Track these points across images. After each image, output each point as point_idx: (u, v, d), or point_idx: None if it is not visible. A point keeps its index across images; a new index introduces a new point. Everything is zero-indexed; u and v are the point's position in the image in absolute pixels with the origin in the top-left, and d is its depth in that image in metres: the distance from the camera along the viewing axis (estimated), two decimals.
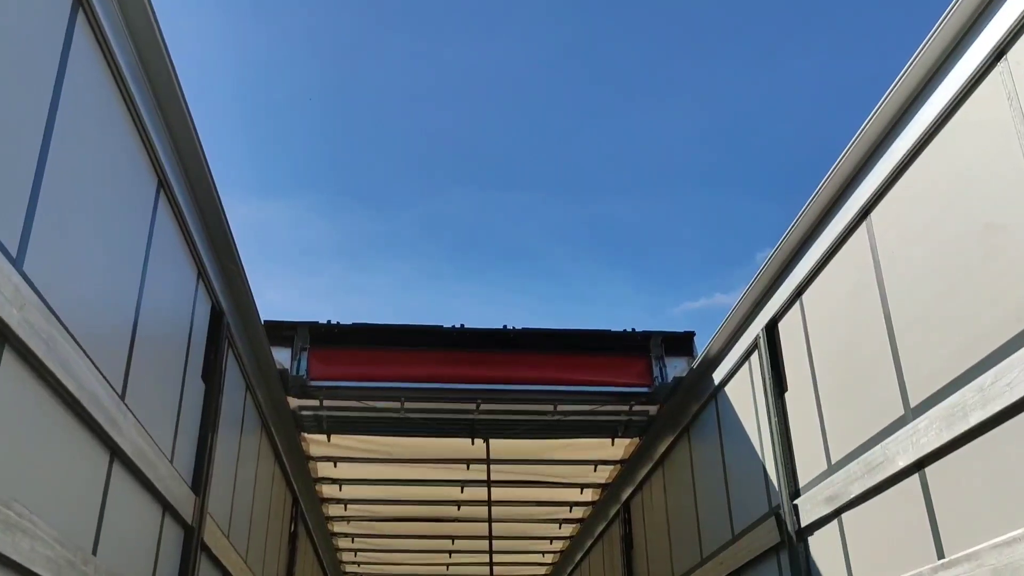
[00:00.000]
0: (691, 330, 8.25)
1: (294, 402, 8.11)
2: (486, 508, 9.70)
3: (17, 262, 3.02)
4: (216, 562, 5.97)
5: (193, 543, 5.24)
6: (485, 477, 9.35)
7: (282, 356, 7.69)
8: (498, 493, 10.07)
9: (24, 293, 2.97)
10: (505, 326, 8.04)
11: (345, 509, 11.82)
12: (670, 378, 7.98)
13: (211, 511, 5.68)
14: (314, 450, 9.72)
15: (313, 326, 7.86)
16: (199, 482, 5.41)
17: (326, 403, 8.15)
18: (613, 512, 11.03)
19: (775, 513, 6.00)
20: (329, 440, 9.13)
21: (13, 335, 2.91)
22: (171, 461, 4.88)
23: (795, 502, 5.70)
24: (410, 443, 9.43)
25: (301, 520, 10.32)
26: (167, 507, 4.84)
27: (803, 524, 5.60)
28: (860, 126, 4.66)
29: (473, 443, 9.02)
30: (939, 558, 4.15)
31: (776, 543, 5.96)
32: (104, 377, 3.78)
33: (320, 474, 10.51)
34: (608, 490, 11.01)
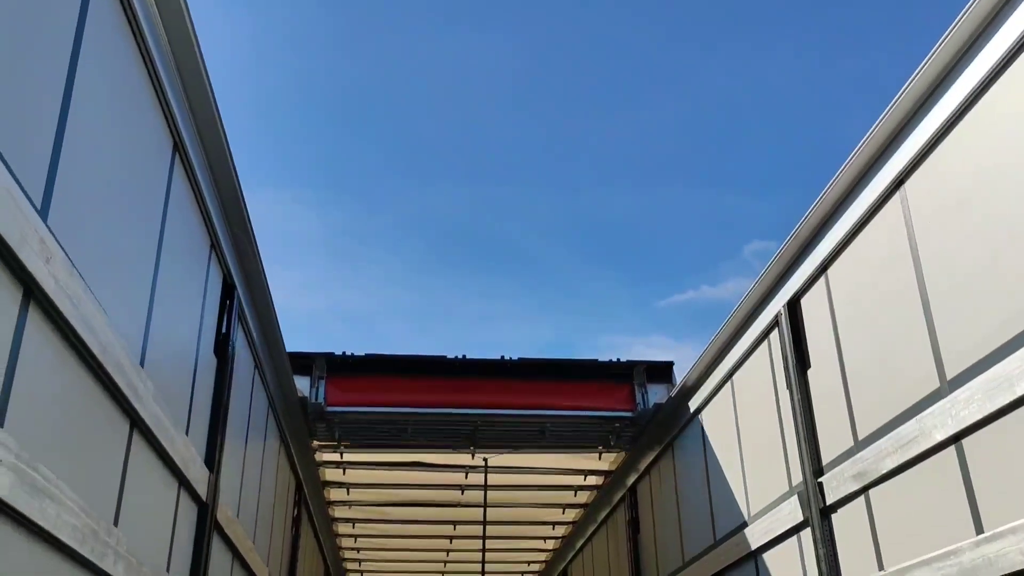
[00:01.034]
0: (671, 360, 9.26)
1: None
2: (487, 494, 10.62)
3: (41, 216, 2.88)
4: (228, 541, 5.85)
5: (208, 520, 5.11)
6: (483, 473, 10.45)
7: (302, 384, 8.49)
8: (496, 479, 10.79)
9: (50, 246, 2.83)
10: (502, 356, 8.96)
11: (348, 493, 11.73)
12: (651, 404, 8.90)
13: (223, 490, 5.55)
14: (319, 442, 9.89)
15: (329, 357, 8.69)
16: (212, 459, 5.28)
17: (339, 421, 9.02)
18: (619, 497, 10.95)
19: (797, 492, 5.91)
20: (342, 457, 10.27)
21: (39, 289, 2.78)
22: (187, 435, 4.75)
23: (819, 480, 5.61)
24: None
25: (304, 505, 10.20)
26: (183, 482, 4.71)
27: (828, 502, 5.51)
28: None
29: (473, 457, 10.21)
30: (978, 533, 4.06)
31: (798, 522, 5.87)
32: (124, 342, 3.65)
33: (324, 458, 10.58)
34: (613, 476, 10.93)
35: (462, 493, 11.77)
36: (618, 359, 9.14)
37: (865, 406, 5.20)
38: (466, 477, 11.00)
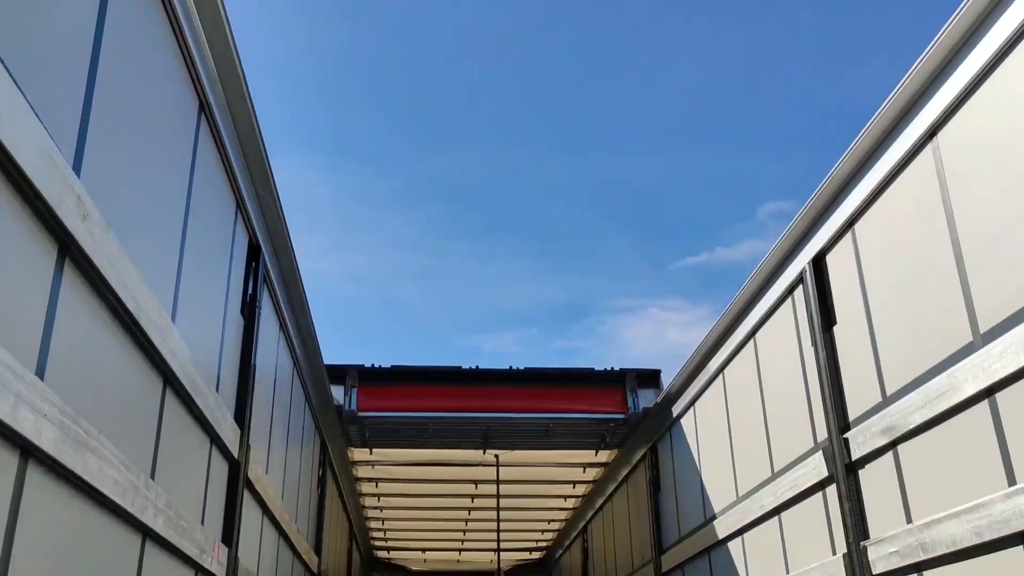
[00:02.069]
0: (658, 368, 10.40)
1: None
2: (499, 487, 12.45)
3: (75, 172, 2.89)
4: (258, 499, 5.93)
5: (239, 477, 5.17)
6: (496, 468, 12.28)
7: (336, 393, 9.72)
8: (506, 473, 12.61)
9: (86, 203, 2.84)
10: (511, 367, 10.26)
11: (371, 453, 11.96)
12: (640, 407, 10.08)
13: (252, 448, 5.61)
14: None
15: (360, 368, 9.93)
16: (242, 417, 5.33)
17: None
18: (639, 457, 11.01)
19: (822, 448, 5.91)
20: (371, 452, 11.83)
21: (76, 246, 2.79)
22: (217, 391, 4.79)
23: (845, 436, 5.61)
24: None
25: (329, 465, 10.32)
26: (215, 439, 4.76)
27: (854, 458, 5.52)
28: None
29: (484, 453, 11.81)
30: (1010, 484, 4.06)
31: (823, 478, 5.88)
32: (156, 300, 3.67)
33: (355, 457, 12.04)
34: (630, 440, 10.99)
35: (475, 487, 13.65)
36: (612, 368, 10.33)
37: (893, 362, 5.18)
38: (483, 453, 12.16)
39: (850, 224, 5.64)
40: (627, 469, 11.76)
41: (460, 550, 18.15)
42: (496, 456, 11.88)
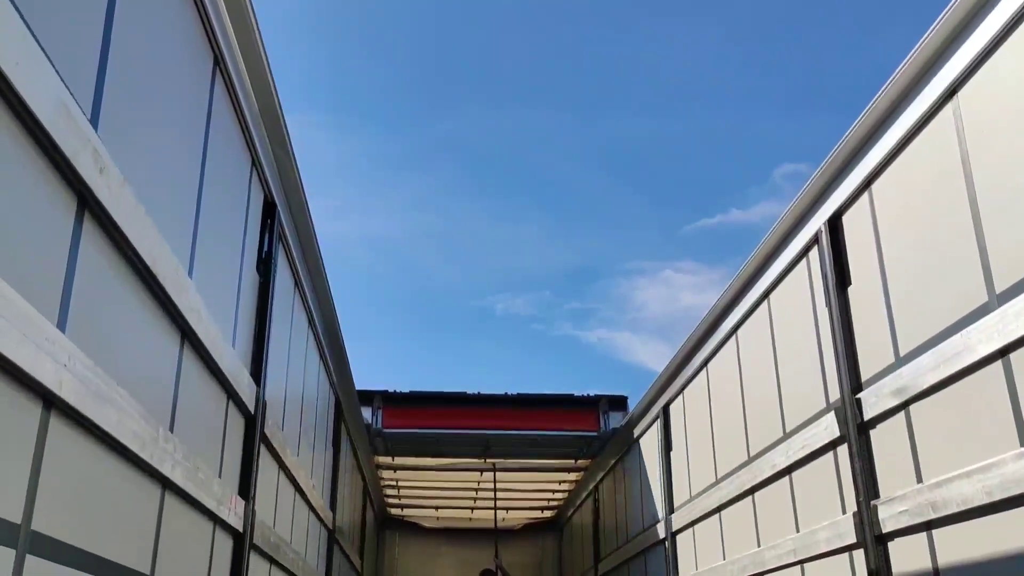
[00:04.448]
0: (625, 394, 13.02)
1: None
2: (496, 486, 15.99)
3: (92, 125, 2.89)
4: (275, 454, 6.01)
5: (256, 433, 5.24)
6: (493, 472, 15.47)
7: (365, 413, 12.32)
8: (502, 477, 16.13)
9: (104, 156, 2.85)
10: (506, 392, 12.91)
11: (392, 460, 14.48)
12: (610, 427, 12.82)
13: (268, 404, 5.68)
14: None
15: (385, 393, 12.65)
16: (258, 374, 5.39)
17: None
18: (652, 417, 11.08)
19: (834, 409, 5.93)
20: (393, 459, 14.91)
21: (95, 199, 2.81)
22: (233, 347, 4.84)
23: (857, 396, 5.62)
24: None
25: (343, 422, 10.44)
26: (231, 395, 4.82)
27: (866, 418, 5.53)
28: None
29: (484, 462, 14.81)
30: (1022, 445, 4.07)
31: (835, 438, 5.91)
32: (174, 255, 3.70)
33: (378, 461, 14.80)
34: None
35: (476, 491, 17.23)
36: (587, 394, 13.11)
37: (908, 323, 5.17)
38: (480, 475, 15.85)
39: (867, 184, 5.60)
40: (601, 473, 14.41)
41: (472, 508, 18.63)
42: (494, 464, 14.89)
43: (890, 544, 5.25)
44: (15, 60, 2.25)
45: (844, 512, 5.85)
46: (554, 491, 18.12)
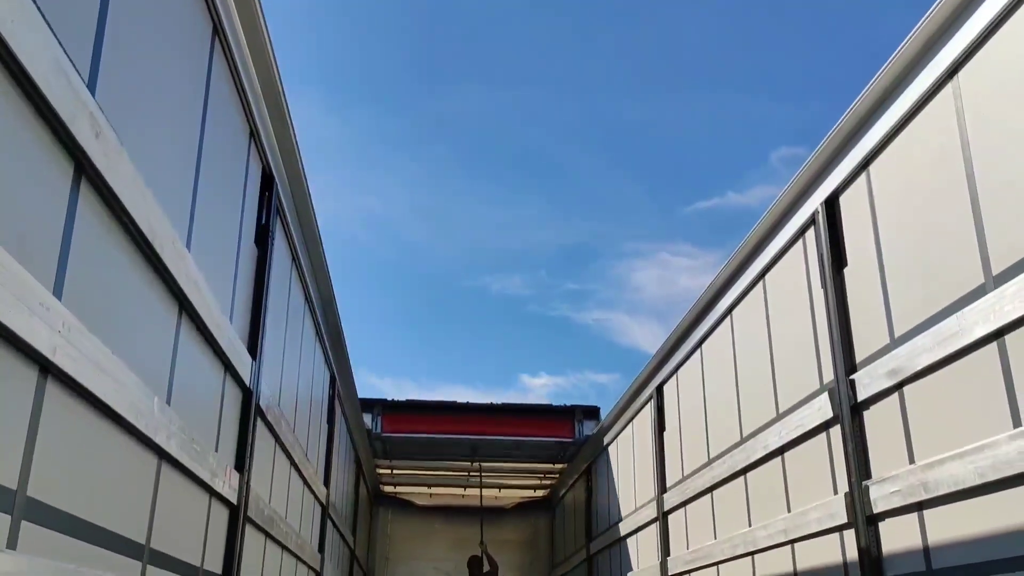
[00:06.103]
0: (597, 405, 14.67)
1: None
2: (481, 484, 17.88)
3: (89, 90, 2.87)
4: (271, 428, 6.02)
5: (252, 406, 5.24)
6: (479, 473, 17.48)
7: (366, 419, 13.91)
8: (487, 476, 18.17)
9: (100, 121, 2.83)
10: (491, 403, 14.70)
11: (390, 461, 15.33)
12: (584, 434, 14.45)
13: (264, 378, 5.68)
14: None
15: (384, 401, 14.40)
16: (255, 347, 5.38)
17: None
18: (647, 397, 11.11)
19: (828, 389, 5.95)
20: (390, 462, 16.96)
21: (91, 164, 2.79)
22: (231, 321, 4.83)
23: (851, 377, 5.64)
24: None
25: (339, 399, 10.45)
26: (228, 367, 4.82)
27: (859, 399, 5.55)
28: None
29: (472, 464, 16.78)
30: (1015, 426, 4.09)
31: (828, 419, 5.94)
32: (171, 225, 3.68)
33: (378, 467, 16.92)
34: (643, 376, 11.10)
35: (464, 490, 19.13)
36: (564, 404, 14.71)
37: (904, 304, 5.18)
38: (468, 476, 17.91)
39: (865, 164, 5.59)
40: (574, 477, 15.95)
41: (465, 486, 18.84)
42: (479, 465, 16.66)
43: (881, 524, 5.29)
44: (10, 18, 2.22)
45: (836, 492, 5.89)
46: (535, 487, 19.55)
